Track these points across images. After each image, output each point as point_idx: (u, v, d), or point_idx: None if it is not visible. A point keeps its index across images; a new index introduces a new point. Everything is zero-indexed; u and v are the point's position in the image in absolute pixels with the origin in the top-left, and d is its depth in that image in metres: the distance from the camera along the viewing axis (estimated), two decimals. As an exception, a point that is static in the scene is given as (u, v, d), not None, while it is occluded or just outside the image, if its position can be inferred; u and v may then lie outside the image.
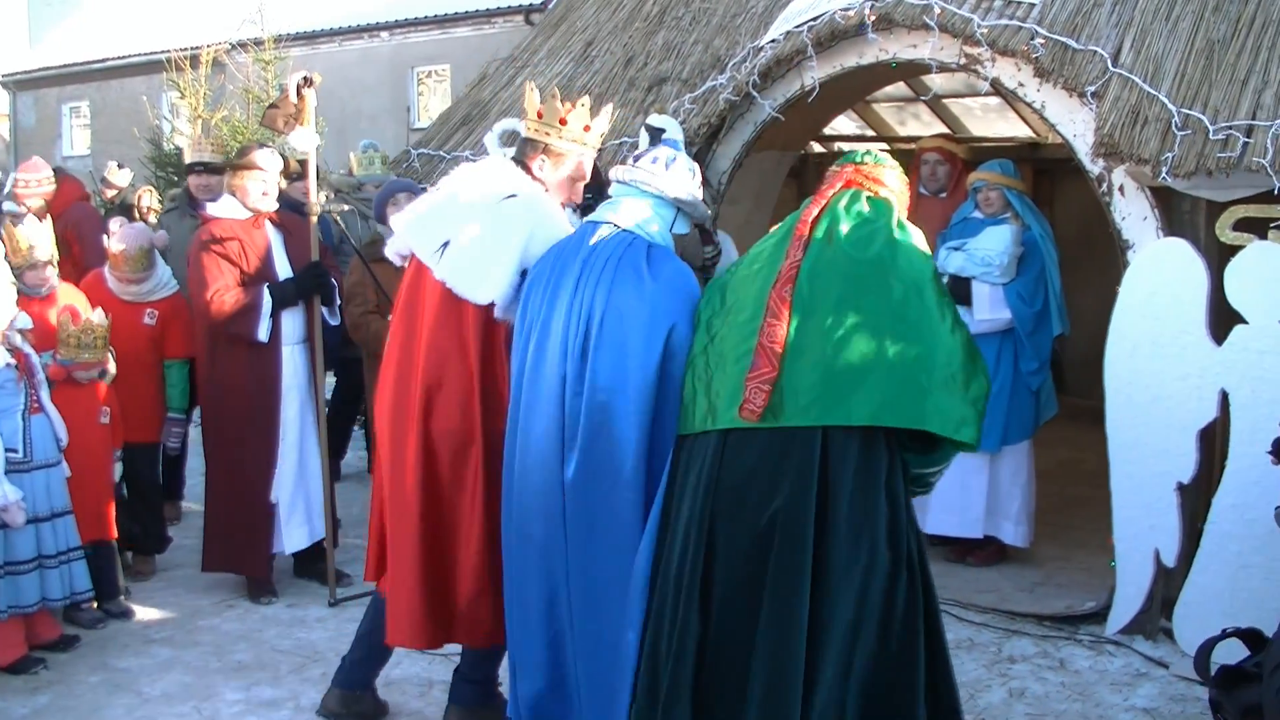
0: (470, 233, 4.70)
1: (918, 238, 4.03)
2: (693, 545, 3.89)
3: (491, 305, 4.65)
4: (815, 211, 4.03)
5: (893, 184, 4.15)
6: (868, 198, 4.07)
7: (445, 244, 4.72)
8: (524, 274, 4.62)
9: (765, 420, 3.79)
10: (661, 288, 4.25)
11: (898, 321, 3.80)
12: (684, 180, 4.52)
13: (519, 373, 4.48)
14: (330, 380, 8.25)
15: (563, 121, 4.83)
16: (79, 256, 8.44)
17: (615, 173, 4.59)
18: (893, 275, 3.86)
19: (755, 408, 3.77)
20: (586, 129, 4.89)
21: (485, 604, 4.75)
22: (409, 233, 4.92)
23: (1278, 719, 3.56)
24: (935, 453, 3.91)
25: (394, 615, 4.86)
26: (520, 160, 4.91)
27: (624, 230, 4.41)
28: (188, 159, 8.26)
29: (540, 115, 4.85)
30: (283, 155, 7.47)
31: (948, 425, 3.77)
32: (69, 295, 6.67)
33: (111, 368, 6.54)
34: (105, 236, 7.10)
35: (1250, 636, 4.63)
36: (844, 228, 3.97)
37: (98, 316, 6.42)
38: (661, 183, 4.48)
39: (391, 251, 5.12)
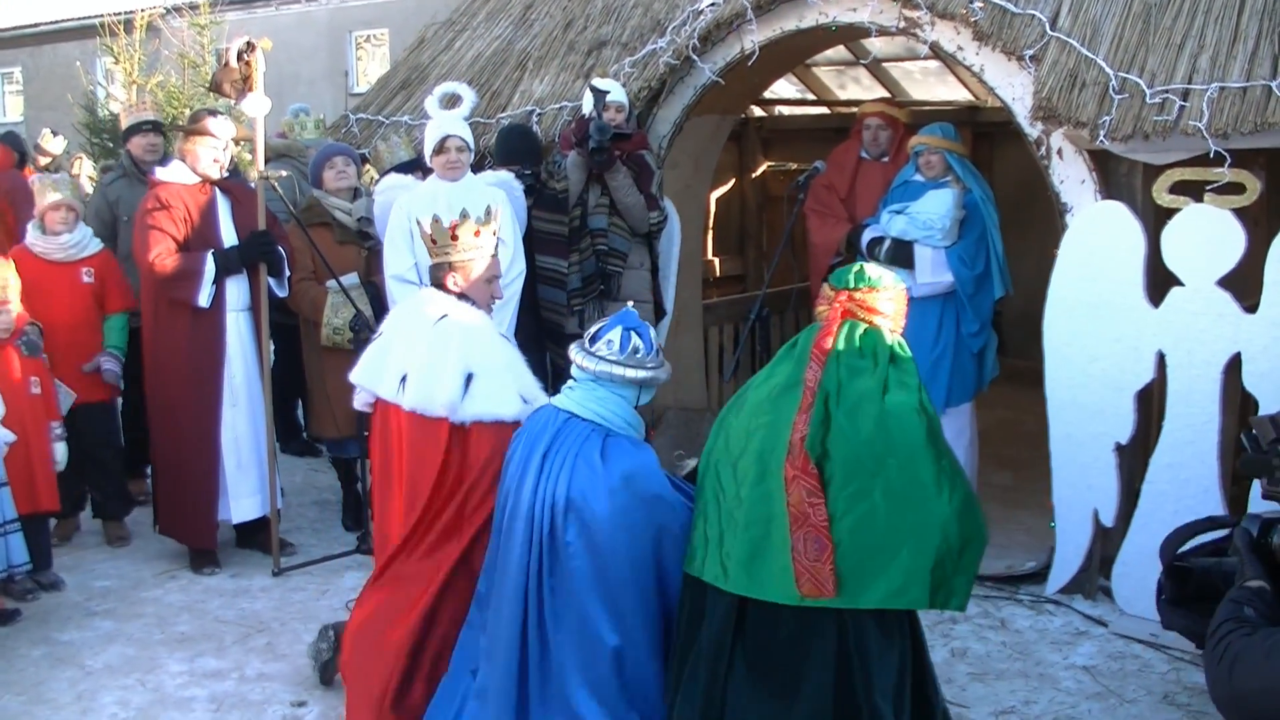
0: (419, 360, 4.92)
1: (904, 386, 3.99)
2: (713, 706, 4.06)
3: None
4: (817, 369, 3.99)
5: (887, 309, 4.10)
6: (861, 334, 4.05)
7: (404, 378, 4.94)
8: (469, 379, 4.82)
9: (784, 598, 3.92)
10: (612, 476, 4.32)
11: (899, 504, 3.86)
12: (640, 358, 4.50)
13: (496, 532, 4.62)
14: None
15: (454, 238, 5.02)
16: (12, 225, 8.32)
17: (575, 359, 4.57)
18: (888, 453, 3.88)
19: (830, 591, 3.85)
20: (477, 234, 5.07)
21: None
22: (367, 380, 5.13)
23: (1212, 656, 3.72)
24: None
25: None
26: (436, 283, 5.12)
27: (582, 420, 4.47)
28: (127, 122, 8.09)
29: (434, 240, 5.06)
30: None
31: (941, 600, 3.93)
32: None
33: (31, 334, 6.46)
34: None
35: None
36: (840, 392, 3.95)
37: None
38: (618, 370, 4.47)
39: (360, 403, 5.29)
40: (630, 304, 4.84)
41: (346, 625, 5.03)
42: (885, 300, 4.11)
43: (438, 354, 4.87)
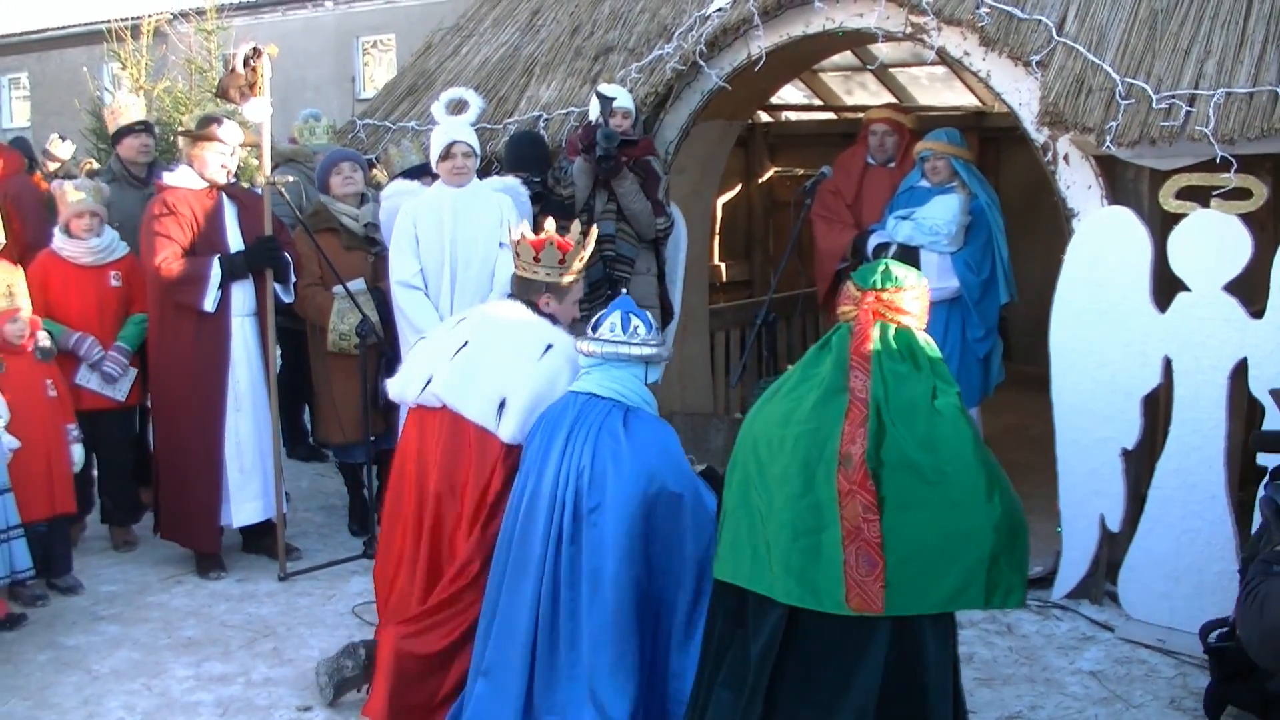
0: (526, 392, 4.94)
1: (944, 390, 4.00)
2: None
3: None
4: (864, 376, 3.95)
5: (913, 308, 4.08)
6: (894, 336, 4.02)
7: (502, 403, 4.95)
8: None
9: (840, 609, 3.90)
10: (636, 445, 4.51)
11: (956, 509, 3.87)
12: (644, 337, 4.69)
13: (513, 513, 4.72)
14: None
15: (562, 261, 5.12)
16: (19, 231, 8.32)
17: (582, 346, 4.76)
18: (943, 460, 3.89)
19: (878, 606, 3.84)
20: (581, 258, 5.19)
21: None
22: (453, 397, 5.04)
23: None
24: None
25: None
26: (526, 299, 5.18)
27: (602, 399, 4.64)
28: (117, 125, 8.01)
29: (538, 259, 5.11)
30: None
31: (998, 599, 3.95)
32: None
33: (44, 339, 6.47)
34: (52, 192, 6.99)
35: None
36: (889, 399, 3.92)
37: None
38: (623, 349, 4.67)
39: (408, 398, 5.24)
40: (624, 292, 4.92)
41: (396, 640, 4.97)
42: (912, 299, 4.09)
43: (548, 393, 4.91)
